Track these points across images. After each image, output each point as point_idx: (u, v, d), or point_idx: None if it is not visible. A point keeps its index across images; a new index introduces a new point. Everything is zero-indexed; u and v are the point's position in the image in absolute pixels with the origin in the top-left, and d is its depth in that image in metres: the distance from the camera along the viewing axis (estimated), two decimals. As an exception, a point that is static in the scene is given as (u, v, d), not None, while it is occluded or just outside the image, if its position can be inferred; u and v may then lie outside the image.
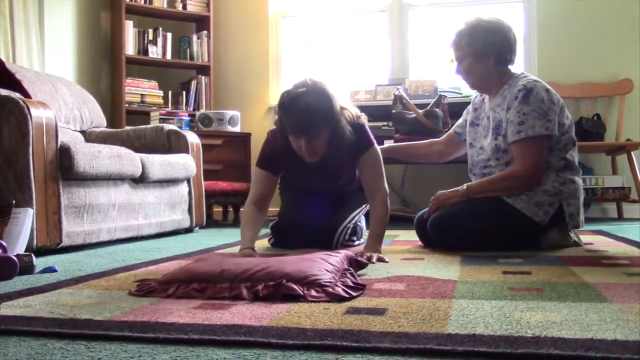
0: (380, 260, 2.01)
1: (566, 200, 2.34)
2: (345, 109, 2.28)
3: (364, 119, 2.38)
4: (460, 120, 2.76)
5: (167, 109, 4.85)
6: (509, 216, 2.31)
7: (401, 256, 2.20)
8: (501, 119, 2.39)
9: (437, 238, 2.41)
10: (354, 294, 1.41)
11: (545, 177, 2.34)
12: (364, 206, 2.64)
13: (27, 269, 1.90)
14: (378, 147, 2.41)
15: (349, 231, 2.54)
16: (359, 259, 1.81)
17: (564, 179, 2.36)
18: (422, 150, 2.91)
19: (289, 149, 2.27)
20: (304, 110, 2.12)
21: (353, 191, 2.60)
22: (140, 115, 4.85)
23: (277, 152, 2.32)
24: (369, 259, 1.97)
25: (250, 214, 2.28)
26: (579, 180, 2.42)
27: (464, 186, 2.41)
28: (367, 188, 2.37)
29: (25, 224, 2.24)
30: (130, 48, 4.78)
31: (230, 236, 3.21)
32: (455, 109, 4.00)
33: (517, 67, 2.55)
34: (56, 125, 2.55)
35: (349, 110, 2.30)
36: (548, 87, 2.39)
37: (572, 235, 2.42)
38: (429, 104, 3.97)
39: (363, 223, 2.72)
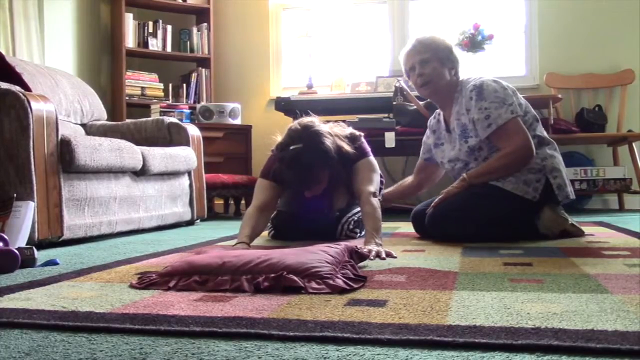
0: (389, 255, 1.95)
1: (551, 173, 2.40)
2: (342, 148, 2.31)
3: (360, 136, 2.46)
4: (422, 148, 2.82)
5: (167, 101, 4.84)
6: (502, 199, 2.36)
7: (402, 248, 2.20)
8: (465, 122, 2.46)
9: (437, 232, 2.42)
10: (354, 285, 1.42)
11: None
12: None
13: (28, 262, 1.90)
14: (374, 160, 2.46)
15: (352, 222, 2.54)
16: (361, 251, 1.82)
17: (543, 154, 2.43)
18: (399, 195, 2.95)
19: (287, 184, 2.36)
20: (303, 170, 2.22)
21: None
22: (140, 108, 4.85)
23: (280, 174, 2.35)
24: (378, 254, 1.92)
25: (252, 215, 2.29)
26: (557, 153, 2.49)
27: (464, 175, 2.44)
28: (355, 189, 2.39)
29: (26, 217, 2.24)
30: (130, 41, 4.77)
31: (231, 229, 3.21)
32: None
33: (518, 58, 2.58)
34: (57, 119, 2.55)
35: (345, 148, 2.33)
36: (494, 78, 2.50)
37: (565, 214, 2.44)
38: (429, 95, 3.96)
39: None
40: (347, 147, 2.35)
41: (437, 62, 2.50)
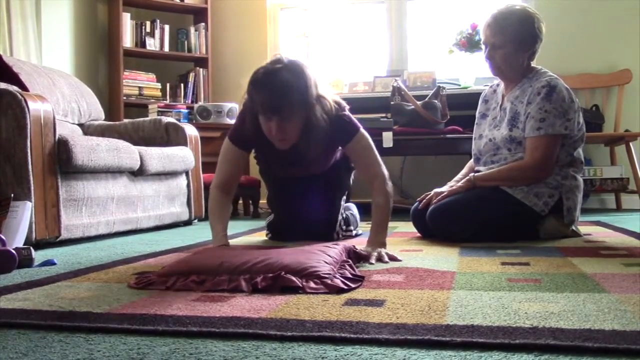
0: (392, 259, 1.83)
1: (566, 194, 2.36)
2: (323, 98, 2.10)
3: (345, 107, 2.22)
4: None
5: (165, 101, 4.84)
6: (509, 205, 2.33)
7: (400, 248, 2.20)
8: (519, 111, 2.39)
9: (437, 228, 2.41)
10: (352, 285, 1.42)
11: None
12: (345, 192, 2.57)
13: (26, 262, 1.90)
14: (365, 132, 2.24)
15: (342, 222, 2.52)
16: (360, 252, 1.81)
17: (566, 173, 2.38)
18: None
19: (259, 133, 2.11)
20: (279, 87, 1.96)
21: (333, 176, 2.45)
22: (138, 107, 4.84)
23: (249, 131, 2.16)
24: (380, 258, 1.82)
25: (218, 202, 2.17)
26: (580, 178, 2.44)
27: (471, 175, 2.43)
28: (364, 176, 2.25)
29: (24, 217, 2.24)
30: (127, 40, 4.76)
31: (228, 229, 3.20)
32: (454, 101, 4.00)
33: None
34: (54, 118, 2.54)
35: (328, 100, 2.12)
36: (567, 86, 2.40)
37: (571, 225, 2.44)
38: (427, 95, 3.97)
39: (355, 210, 2.70)
40: (329, 99, 2.12)
41: (510, 47, 2.38)
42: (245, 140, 2.22)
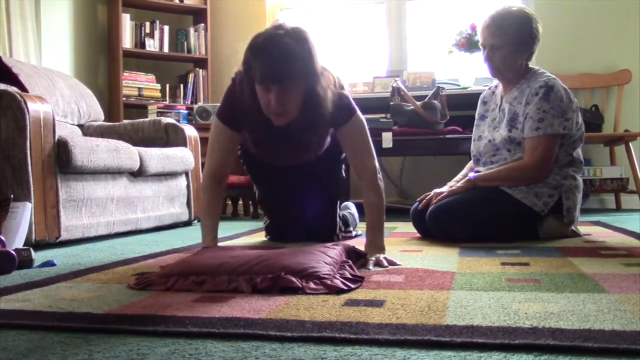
0: (391, 264, 1.75)
1: (565, 194, 2.37)
2: (327, 71, 1.94)
3: (344, 86, 2.07)
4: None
5: (164, 102, 4.84)
6: (508, 205, 2.33)
7: (399, 248, 2.20)
8: (517, 112, 2.40)
9: (437, 228, 2.41)
10: (352, 286, 1.42)
11: None
12: (340, 189, 2.53)
13: (25, 263, 1.90)
14: (362, 116, 2.06)
15: (341, 223, 2.51)
16: (359, 250, 1.81)
17: (566, 173, 2.38)
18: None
19: (255, 107, 1.91)
20: (281, 53, 1.78)
21: (325, 168, 2.36)
22: (138, 108, 4.84)
23: (240, 105, 1.96)
24: (378, 263, 1.74)
25: (210, 194, 2.03)
26: (579, 178, 2.44)
27: (470, 177, 2.44)
28: (353, 167, 2.06)
29: (23, 218, 2.24)
30: (127, 41, 4.76)
31: (229, 229, 3.21)
32: (454, 101, 4.00)
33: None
34: (54, 119, 2.54)
35: (332, 74, 1.96)
36: (565, 86, 2.41)
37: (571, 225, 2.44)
38: (427, 95, 3.96)
39: (354, 209, 2.69)
40: (331, 74, 1.97)
41: (509, 48, 2.39)
42: (236, 117, 2.02)
